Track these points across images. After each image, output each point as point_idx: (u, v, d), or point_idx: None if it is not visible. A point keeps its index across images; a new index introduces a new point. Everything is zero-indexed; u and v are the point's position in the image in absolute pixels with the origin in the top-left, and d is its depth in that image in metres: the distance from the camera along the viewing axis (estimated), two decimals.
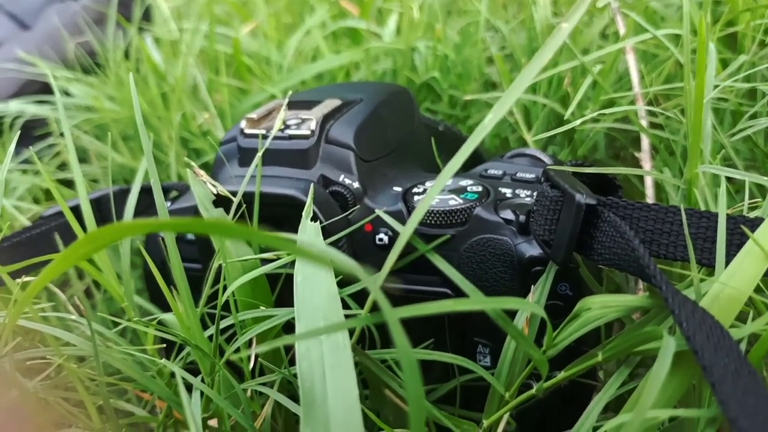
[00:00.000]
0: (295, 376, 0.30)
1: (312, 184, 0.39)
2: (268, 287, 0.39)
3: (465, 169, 0.54)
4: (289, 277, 0.39)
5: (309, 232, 0.31)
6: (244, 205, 0.37)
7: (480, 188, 0.40)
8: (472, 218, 0.38)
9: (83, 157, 0.66)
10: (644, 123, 0.46)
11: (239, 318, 0.32)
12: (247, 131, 0.41)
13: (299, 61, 0.70)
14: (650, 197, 0.44)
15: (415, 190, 0.40)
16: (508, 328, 0.24)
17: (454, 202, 0.38)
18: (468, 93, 0.61)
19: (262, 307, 0.33)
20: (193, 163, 0.36)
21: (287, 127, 0.42)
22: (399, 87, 0.52)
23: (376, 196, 0.40)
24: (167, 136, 0.60)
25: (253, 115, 0.42)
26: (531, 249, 0.36)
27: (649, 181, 0.45)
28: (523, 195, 0.40)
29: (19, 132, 0.43)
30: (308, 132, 0.40)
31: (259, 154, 0.37)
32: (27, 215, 0.54)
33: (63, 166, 0.62)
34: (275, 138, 0.40)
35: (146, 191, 0.49)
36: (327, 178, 0.40)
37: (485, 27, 0.62)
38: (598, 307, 0.26)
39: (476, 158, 0.57)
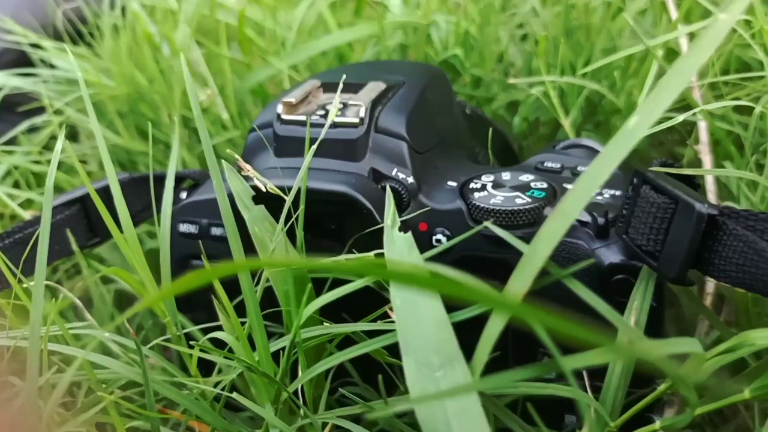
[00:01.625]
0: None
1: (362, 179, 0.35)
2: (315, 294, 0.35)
3: (499, 159, 0.50)
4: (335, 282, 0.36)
5: (400, 245, 0.27)
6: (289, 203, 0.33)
7: (545, 185, 0.36)
8: (543, 219, 0.34)
9: (71, 135, 0.60)
10: (700, 115, 0.43)
11: (302, 334, 0.28)
12: (286, 117, 0.37)
13: (303, 33, 0.65)
14: (712, 195, 0.41)
15: (473, 185, 0.36)
16: (669, 371, 0.21)
17: (522, 200, 0.35)
18: (485, 72, 0.57)
19: (326, 324, 0.29)
20: (236, 155, 0.32)
21: (329, 113, 0.37)
22: (435, 68, 0.48)
23: (431, 192, 0.36)
24: (167, 115, 0.55)
25: (291, 99, 0.37)
26: (611, 255, 0.33)
27: (710, 179, 0.42)
28: None
29: None
30: (356, 120, 0.36)
31: (308, 144, 0.33)
32: (15, 202, 0.48)
33: (49, 146, 0.57)
34: (319, 126, 0.36)
35: (156, 180, 0.44)
36: (378, 171, 0.36)
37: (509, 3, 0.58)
38: (764, 343, 0.23)
39: (502, 141, 0.53)
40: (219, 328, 0.36)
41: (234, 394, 0.29)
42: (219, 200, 0.31)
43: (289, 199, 0.31)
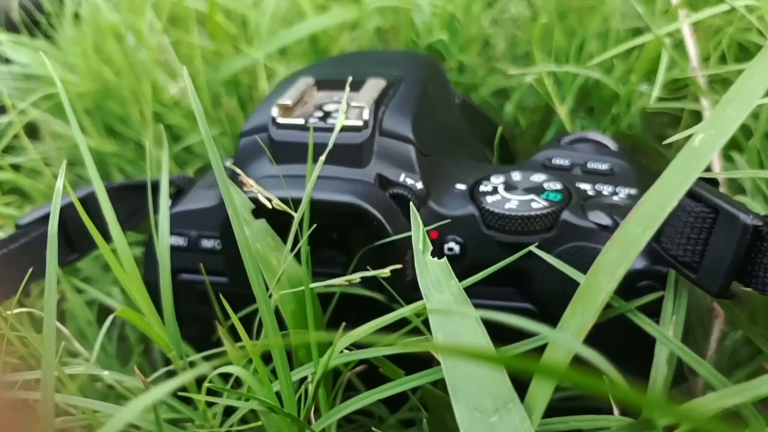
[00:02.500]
0: None
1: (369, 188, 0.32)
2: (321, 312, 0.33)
3: (493, 150, 0.48)
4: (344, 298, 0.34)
5: (435, 273, 0.24)
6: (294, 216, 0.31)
7: (560, 186, 0.34)
8: (560, 223, 0.33)
9: (30, 131, 0.56)
10: (705, 103, 0.42)
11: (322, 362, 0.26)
12: (282, 121, 0.34)
13: (276, 20, 0.61)
14: (721, 188, 0.40)
15: (483, 188, 0.34)
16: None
17: (537, 204, 0.33)
18: (471, 57, 0.55)
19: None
20: (238, 170, 0.29)
21: (327, 115, 0.35)
22: (429, 58, 0.45)
23: (441, 197, 0.34)
24: (138, 111, 0.52)
25: (287, 101, 0.34)
26: (635, 260, 0.32)
27: (716, 166, 0.40)
28: (606, 192, 0.35)
29: None
30: (360, 122, 0.33)
31: (312, 151, 0.30)
32: None
33: (9, 149, 0.52)
34: (319, 130, 0.33)
35: (137, 188, 0.41)
36: (385, 178, 0.33)
37: None
38: None
39: (494, 131, 0.51)
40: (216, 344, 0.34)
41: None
42: (231, 215, 0.29)
43: (298, 216, 0.28)
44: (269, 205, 0.29)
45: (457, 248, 0.33)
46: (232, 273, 0.35)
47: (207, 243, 0.37)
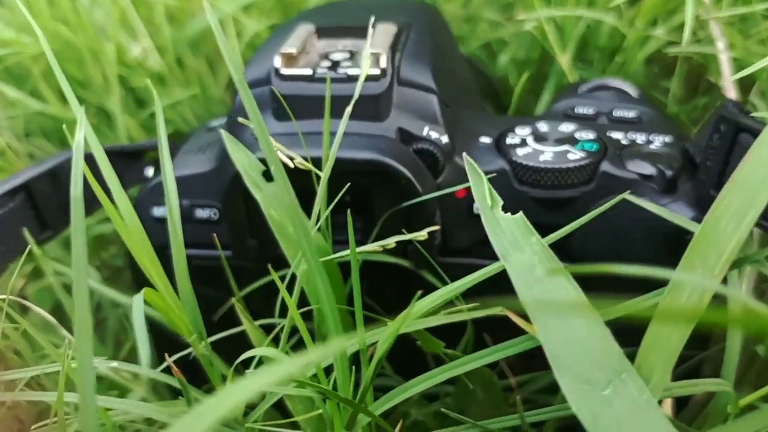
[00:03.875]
0: None
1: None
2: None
3: (494, 104, 0.46)
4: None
5: (512, 232, 0.21)
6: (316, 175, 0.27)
7: (593, 135, 0.32)
8: (599, 175, 0.30)
9: None
10: (721, 45, 0.40)
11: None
12: (286, 72, 0.30)
13: None
14: None
15: (510, 141, 0.31)
16: None
17: (574, 155, 0.30)
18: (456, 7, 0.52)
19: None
20: (255, 127, 0.25)
21: (336, 64, 0.31)
22: (428, 4, 0.42)
23: (467, 152, 0.31)
24: (101, 74, 0.47)
25: (291, 49, 0.30)
26: (683, 212, 0.29)
27: None
28: (640, 141, 0.32)
29: None
30: (377, 71, 0.29)
31: (329, 103, 0.27)
32: None
33: None
34: (332, 81, 0.29)
35: (116, 155, 0.37)
36: (407, 132, 0.30)
37: None
38: None
39: (484, 81, 0.49)
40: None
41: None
42: (246, 177, 0.25)
43: (325, 175, 0.25)
44: (291, 165, 0.25)
45: None
46: (236, 245, 0.32)
47: (201, 213, 0.33)
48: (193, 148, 0.35)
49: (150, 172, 0.36)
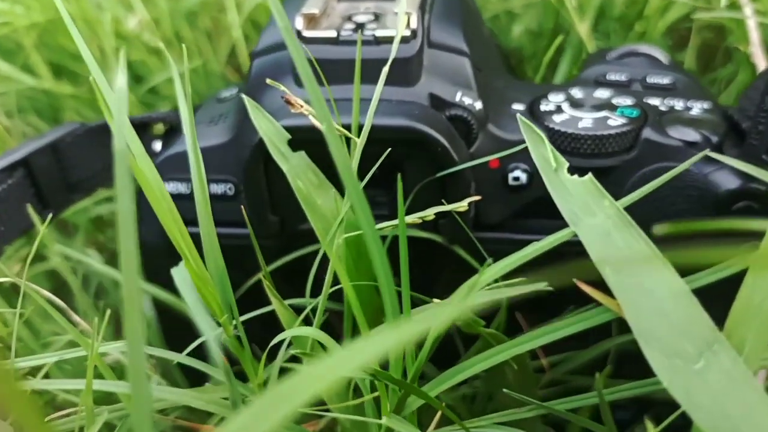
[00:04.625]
0: None
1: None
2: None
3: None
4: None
5: (580, 195, 0.19)
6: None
7: (631, 101, 0.30)
8: (641, 142, 0.28)
9: None
10: (748, 11, 0.38)
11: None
12: (309, 34, 0.28)
13: None
14: None
15: (545, 107, 0.30)
16: None
17: (614, 122, 0.28)
18: None
19: None
20: (283, 87, 0.23)
21: (361, 26, 0.29)
22: None
23: (500, 120, 0.29)
24: (96, 46, 0.44)
25: (313, 10, 0.28)
26: (728, 180, 0.28)
27: None
28: (678, 107, 0.31)
29: None
30: (407, 32, 0.28)
31: (360, 66, 0.25)
32: None
33: None
34: (352, 43, 0.27)
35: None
36: (438, 97, 0.28)
37: None
38: None
39: (498, 50, 0.47)
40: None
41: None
42: (271, 146, 0.23)
43: (360, 142, 0.23)
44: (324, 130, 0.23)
45: (524, 177, 0.29)
46: (256, 221, 0.30)
47: (216, 188, 0.31)
48: (203, 119, 0.33)
49: (158, 146, 0.34)
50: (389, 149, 0.25)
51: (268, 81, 0.24)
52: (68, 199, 0.33)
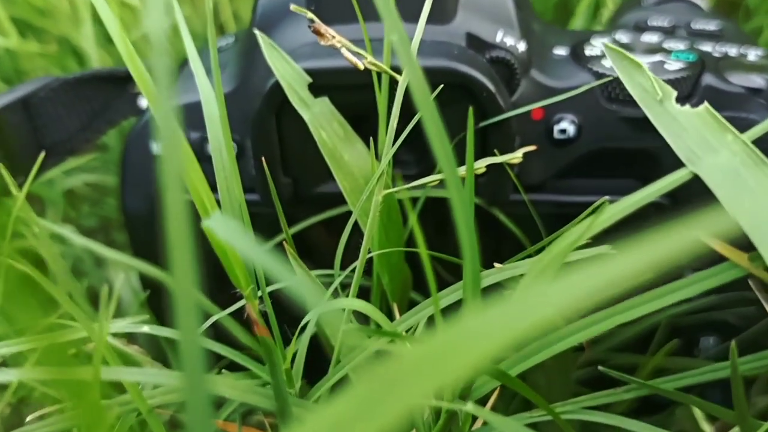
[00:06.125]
0: None
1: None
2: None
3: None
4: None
5: (696, 129, 0.16)
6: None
7: (684, 45, 0.27)
8: (701, 89, 0.25)
9: None
10: None
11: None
12: None
13: None
14: None
15: (590, 52, 0.26)
16: None
17: (672, 66, 0.25)
18: None
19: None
20: (313, 16, 0.19)
21: None
22: None
23: (544, 65, 0.26)
24: (67, 1, 0.39)
25: None
26: None
27: None
28: (732, 53, 0.28)
29: None
30: None
31: None
32: None
33: None
34: None
35: (101, 82, 0.30)
36: (477, 37, 0.24)
37: None
38: None
39: None
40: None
41: None
42: (289, 91, 0.19)
43: (402, 82, 0.19)
44: (361, 66, 0.20)
45: (572, 129, 0.25)
46: (265, 184, 0.26)
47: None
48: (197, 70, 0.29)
49: (145, 102, 0.30)
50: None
51: (293, 7, 0.20)
52: (42, 165, 0.29)
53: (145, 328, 0.17)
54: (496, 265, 0.19)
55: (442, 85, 0.23)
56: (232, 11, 0.49)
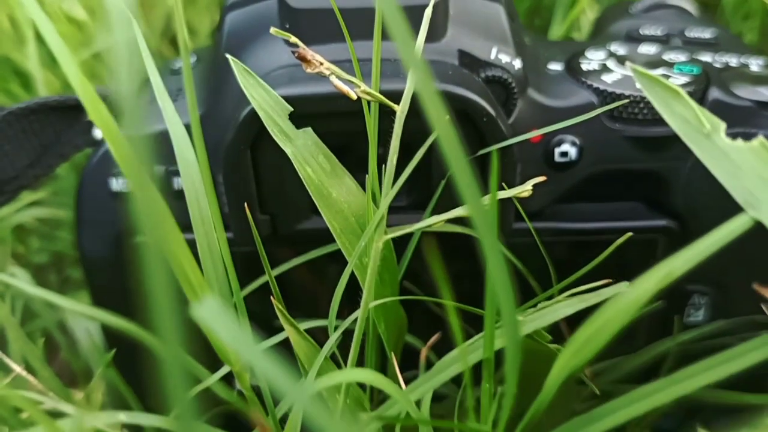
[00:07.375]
0: None
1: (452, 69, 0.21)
2: None
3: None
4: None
5: (753, 164, 0.14)
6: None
7: (684, 57, 0.25)
8: (708, 104, 0.24)
9: None
10: None
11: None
12: None
13: None
14: None
15: (587, 66, 0.24)
16: None
17: (677, 80, 0.24)
18: None
19: None
20: (295, 39, 0.17)
21: None
22: None
23: (540, 82, 0.24)
24: (7, 16, 0.36)
25: None
26: None
27: None
28: (733, 63, 0.26)
29: None
30: None
31: (380, 17, 0.19)
32: None
33: None
34: None
35: (51, 111, 0.27)
36: (470, 55, 0.22)
37: None
38: None
39: None
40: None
41: None
42: (269, 120, 0.17)
43: (401, 110, 0.17)
44: (354, 96, 0.17)
45: (573, 152, 0.23)
46: (240, 222, 0.23)
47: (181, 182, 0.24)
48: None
49: (98, 132, 0.27)
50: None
51: (273, 30, 0.17)
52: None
53: (122, 417, 0.15)
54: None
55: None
56: (186, 22, 0.46)
